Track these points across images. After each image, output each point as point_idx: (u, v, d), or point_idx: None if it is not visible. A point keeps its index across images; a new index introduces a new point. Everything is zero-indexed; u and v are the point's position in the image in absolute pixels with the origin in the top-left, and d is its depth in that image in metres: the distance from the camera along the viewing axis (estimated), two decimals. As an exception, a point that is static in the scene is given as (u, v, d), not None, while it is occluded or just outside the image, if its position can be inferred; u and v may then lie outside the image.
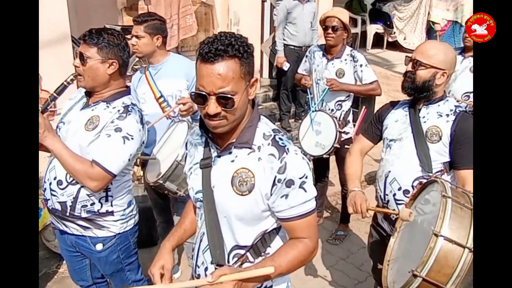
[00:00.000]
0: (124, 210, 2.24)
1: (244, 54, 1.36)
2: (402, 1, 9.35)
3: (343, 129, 3.53)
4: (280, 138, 1.47)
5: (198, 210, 1.64)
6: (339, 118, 3.55)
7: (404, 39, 9.16)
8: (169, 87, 2.88)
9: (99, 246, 2.19)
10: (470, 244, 1.56)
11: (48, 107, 2.16)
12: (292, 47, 5.56)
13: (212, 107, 1.35)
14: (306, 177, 1.46)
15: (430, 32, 8.84)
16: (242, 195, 1.46)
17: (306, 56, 3.81)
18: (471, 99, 3.79)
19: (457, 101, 3.91)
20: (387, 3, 9.41)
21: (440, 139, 2.09)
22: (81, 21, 5.02)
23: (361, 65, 3.47)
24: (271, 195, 1.45)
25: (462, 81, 3.79)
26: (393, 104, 2.38)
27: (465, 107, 4.01)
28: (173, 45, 4.92)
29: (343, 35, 3.49)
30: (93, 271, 2.40)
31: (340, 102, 3.58)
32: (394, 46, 9.33)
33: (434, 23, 8.65)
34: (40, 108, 2.08)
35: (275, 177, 1.42)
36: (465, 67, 3.80)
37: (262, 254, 1.55)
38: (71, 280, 3.22)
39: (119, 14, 5.20)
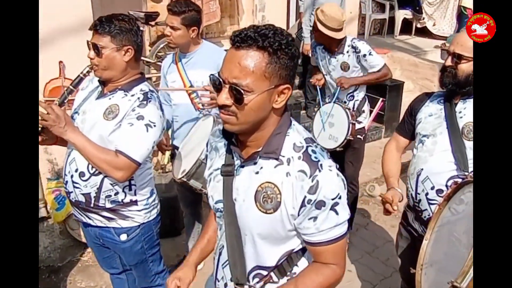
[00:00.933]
0: (148, 199, 2.22)
1: (278, 51, 1.20)
2: (432, -15, 9.04)
3: (356, 119, 3.40)
4: (313, 151, 1.29)
5: (219, 220, 1.50)
6: (353, 108, 3.43)
7: (434, 25, 8.87)
8: (200, 77, 2.81)
9: (123, 237, 2.18)
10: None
11: (65, 101, 2.11)
12: (318, 34, 5.43)
13: (222, 96, 1.22)
14: (340, 197, 1.28)
15: (461, 18, 8.49)
16: (266, 213, 1.31)
17: (312, 50, 3.73)
18: None
19: None
20: (417, -12, 9.10)
21: None
22: (104, 7, 4.98)
23: (364, 55, 3.28)
24: (298, 215, 1.29)
25: None
26: (427, 96, 2.25)
27: None
28: (197, 31, 4.85)
29: (328, 36, 3.27)
30: (122, 258, 2.38)
31: (351, 93, 3.45)
32: (423, 32, 9.04)
33: (465, 8, 8.30)
34: (57, 101, 2.05)
35: (305, 197, 1.26)
36: None
37: (288, 274, 1.41)
38: (95, 269, 3.28)
39: (143, 0, 5.14)
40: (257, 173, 1.32)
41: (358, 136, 3.42)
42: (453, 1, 8.66)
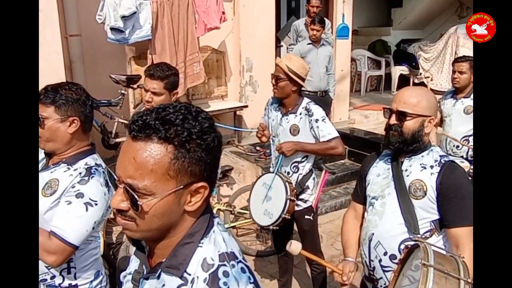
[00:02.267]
0: (91, 282, 1.98)
1: (187, 143, 0.94)
2: (427, 41, 9.11)
3: (301, 195, 2.97)
4: (225, 273, 0.98)
5: None
6: (296, 182, 2.98)
7: (431, 80, 8.81)
8: None
9: None
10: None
11: None
12: (307, 93, 5.30)
13: (116, 198, 0.97)
14: None
15: (459, 72, 8.45)
16: None
17: (265, 109, 3.24)
18: (471, 142, 3.61)
19: (456, 147, 3.69)
20: (412, 44, 9.18)
21: (425, 194, 1.85)
22: (88, 70, 4.96)
23: (316, 120, 2.87)
24: None
25: (458, 124, 3.70)
26: (377, 155, 2.14)
27: (467, 152, 3.71)
28: (180, 94, 4.76)
29: (289, 86, 2.88)
30: None
31: (296, 164, 3.00)
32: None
33: (462, 62, 8.28)
34: None
35: None
36: (459, 109, 3.70)
37: None
38: None
39: (127, 63, 5.12)
40: None
41: (307, 217, 2.99)
42: (449, 56, 8.63)
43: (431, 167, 1.88)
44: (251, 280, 1.01)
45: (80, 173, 1.85)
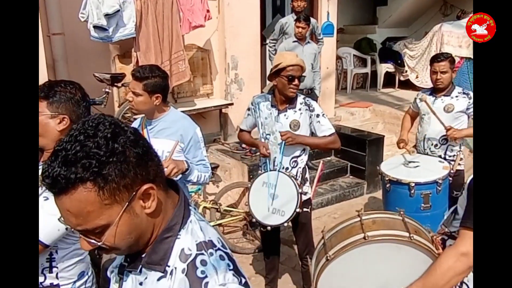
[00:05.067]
0: (74, 283, 1.94)
1: (101, 170, 0.90)
2: (412, 39, 9.15)
3: (302, 189, 2.97)
4: (203, 262, 0.99)
5: None
6: (296, 176, 3.00)
7: (417, 77, 8.86)
8: (161, 146, 2.63)
9: None
10: None
11: None
12: (293, 90, 5.31)
13: (83, 243, 0.98)
14: None
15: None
16: None
17: (248, 109, 3.19)
18: (450, 141, 3.58)
19: (435, 145, 3.68)
20: (397, 42, 9.22)
21: None
22: (72, 69, 4.92)
23: (317, 115, 2.95)
24: None
25: (437, 122, 3.56)
26: None
27: (444, 151, 3.69)
28: (165, 92, 4.74)
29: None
30: None
31: (295, 159, 3.01)
32: (407, 85, 9.02)
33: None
34: None
35: None
36: (438, 107, 3.59)
37: None
38: None
39: (112, 61, 5.08)
40: (141, 283, 1.07)
41: (305, 209, 3.01)
42: (433, 53, 8.66)
43: None
44: (231, 267, 1.01)
45: None
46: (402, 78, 9.13)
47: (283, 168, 3.00)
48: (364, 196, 5.62)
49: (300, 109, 2.97)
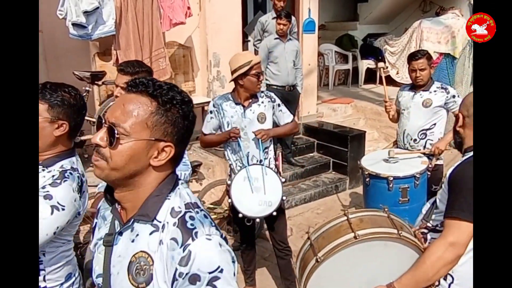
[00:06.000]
0: (61, 285, 1.92)
1: (168, 104, 1.14)
2: (393, 35, 9.24)
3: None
4: (191, 217, 1.15)
5: None
6: (268, 166, 3.12)
7: (397, 73, 8.96)
8: None
9: None
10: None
11: None
12: (275, 87, 5.32)
13: (98, 135, 1.13)
14: (221, 271, 1.09)
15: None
16: (138, 287, 1.14)
17: (211, 112, 3.17)
18: (429, 136, 3.66)
19: (414, 140, 3.75)
20: (378, 38, 9.31)
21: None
22: (50, 67, 4.84)
23: (279, 105, 3.14)
24: None
25: (416, 117, 3.68)
26: None
27: (424, 146, 3.75)
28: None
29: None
30: None
31: (266, 150, 3.15)
32: (389, 81, 9.09)
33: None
34: None
35: (176, 270, 1.09)
36: (417, 102, 3.67)
37: None
38: None
39: (91, 59, 5.02)
40: (133, 241, 1.19)
41: (284, 198, 3.14)
42: (413, 49, 8.77)
43: None
44: (213, 224, 1.18)
45: (53, 176, 1.79)
46: (383, 74, 9.20)
47: (257, 160, 3.11)
48: (347, 191, 5.68)
49: (263, 102, 3.12)
